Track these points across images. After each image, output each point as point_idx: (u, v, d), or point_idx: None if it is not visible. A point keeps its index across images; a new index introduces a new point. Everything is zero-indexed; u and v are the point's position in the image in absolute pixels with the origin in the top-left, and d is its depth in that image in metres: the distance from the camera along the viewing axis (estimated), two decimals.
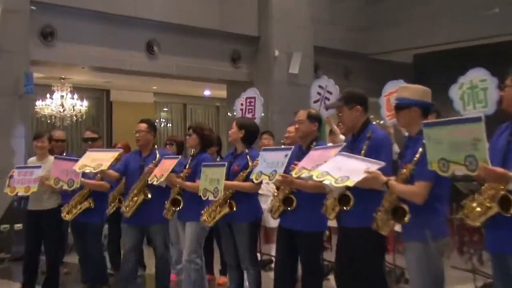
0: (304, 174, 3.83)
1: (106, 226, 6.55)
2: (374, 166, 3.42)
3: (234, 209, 4.87)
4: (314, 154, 4.00)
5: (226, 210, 4.88)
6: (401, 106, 3.52)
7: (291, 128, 6.11)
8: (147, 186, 5.23)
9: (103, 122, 13.74)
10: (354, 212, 3.75)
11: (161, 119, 15.02)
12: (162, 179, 4.97)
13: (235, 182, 4.87)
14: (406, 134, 3.57)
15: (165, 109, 15.19)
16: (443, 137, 2.97)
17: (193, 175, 5.17)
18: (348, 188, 3.88)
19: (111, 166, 5.31)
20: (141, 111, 13.23)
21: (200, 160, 5.18)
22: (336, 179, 3.41)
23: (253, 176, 4.44)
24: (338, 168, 3.46)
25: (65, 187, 5.42)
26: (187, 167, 5.21)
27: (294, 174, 3.99)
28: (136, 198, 5.31)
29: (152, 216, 5.31)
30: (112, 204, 6.00)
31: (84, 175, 5.45)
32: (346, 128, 4.04)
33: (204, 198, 4.81)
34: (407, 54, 13.12)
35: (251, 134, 5.09)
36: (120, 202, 5.93)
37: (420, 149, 3.26)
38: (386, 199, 3.42)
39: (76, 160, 5.44)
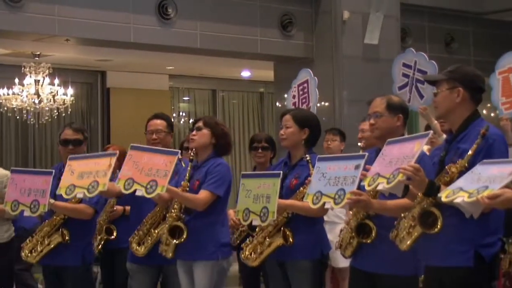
0: (382, 185, 3.85)
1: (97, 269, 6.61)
2: None
3: (291, 240, 4.90)
4: (390, 151, 4.03)
5: (279, 242, 4.91)
6: None
7: (366, 125, 6.08)
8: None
9: (96, 117, 13.93)
10: (447, 246, 3.84)
11: (180, 112, 15.13)
12: (162, 190, 4.91)
13: (292, 201, 4.90)
14: None
15: (185, 97, 15.28)
16: None
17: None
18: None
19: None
20: (151, 101, 13.32)
21: (215, 168, 5.20)
22: (470, 194, 3.42)
23: (308, 199, 4.41)
24: (476, 180, 3.51)
25: (27, 213, 5.38)
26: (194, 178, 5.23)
27: (366, 185, 3.99)
28: (157, 230, 5.37)
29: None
30: (99, 237, 6.05)
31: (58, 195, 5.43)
32: (438, 114, 4.15)
33: (244, 223, 4.91)
34: None
35: (316, 134, 5.17)
36: (110, 234, 5.96)
37: None
38: None
39: (45, 173, 5.42)
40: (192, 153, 5.30)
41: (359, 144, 6.12)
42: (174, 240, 5.19)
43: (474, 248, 3.80)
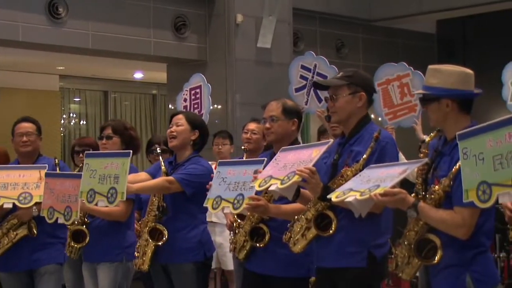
0: (275, 185, 3.88)
1: None
2: (413, 166, 3.54)
3: (166, 237, 4.90)
4: (285, 157, 4.07)
5: (152, 245, 4.91)
6: (428, 98, 3.64)
7: (254, 126, 6.07)
8: (34, 218, 5.30)
9: None
10: (341, 248, 3.91)
11: (71, 113, 14.87)
12: (76, 216, 4.95)
13: (142, 184, 4.87)
14: (425, 138, 3.75)
15: (76, 98, 15.04)
16: (486, 150, 3.14)
17: None
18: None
19: None
20: (40, 101, 13.05)
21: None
22: (362, 192, 3.48)
23: (207, 204, 4.43)
24: (366, 181, 3.58)
25: None
26: None
27: (257, 186, 4.03)
28: (15, 233, 5.34)
29: (41, 255, 5.37)
30: None
31: None
32: (338, 120, 4.15)
33: (89, 205, 4.83)
34: (427, 20, 13.23)
35: (204, 139, 5.19)
36: None
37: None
38: (411, 228, 3.54)
39: None
40: None
41: (242, 147, 6.14)
42: (77, 245, 5.23)
43: (367, 249, 3.86)
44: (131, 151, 4.83)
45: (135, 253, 5.03)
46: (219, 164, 4.61)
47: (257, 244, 4.50)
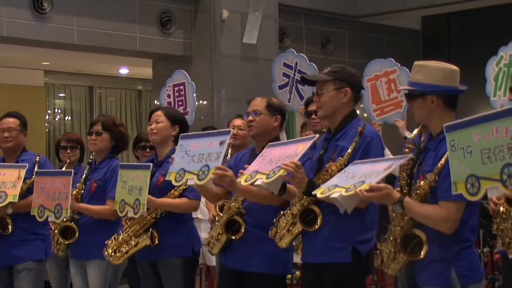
0: (260, 180, 3.88)
1: None
2: (398, 161, 3.56)
3: (157, 241, 4.91)
4: (270, 153, 4.08)
5: (145, 243, 4.91)
6: (413, 94, 3.64)
7: (240, 122, 6.07)
8: (9, 215, 5.31)
9: None
10: (326, 243, 3.92)
11: (56, 109, 14.81)
12: (66, 213, 4.98)
13: (165, 200, 4.88)
14: (407, 135, 3.71)
15: (61, 94, 14.97)
16: (473, 143, 3.14)
17: (100, 193, 5.21)
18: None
19: None
20: (25, 97, 12.99)
21: (112, 170, 5.25)
22: (347, 188, 3.49)
23: (170, 177, 4.40)
24: (351, 177, 3.58)
25: None
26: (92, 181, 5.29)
27: (243, 181, 4.03)
28: None
29: (19, 252, 5.37)
30: None
31: None
32: (323, 115, 4.14)
33: (121, 215, 4.89)
34: (412, 17, 13.27)
35: (185, 132, 5.10)
36: None
37: (447, 153, 3.36)
38: (396, 224, 3.56)
39: None
40: (90, 156, 5.40)
41: (229, 141, 6.12)
42: (66, 241, 5.23)
43: (352, 244, 3.87)
44: (151, 164, 4.88)
45: (109, 240, 4.99)
46: (181, 138, 4.55)
47: (233, 237, 4.48)
